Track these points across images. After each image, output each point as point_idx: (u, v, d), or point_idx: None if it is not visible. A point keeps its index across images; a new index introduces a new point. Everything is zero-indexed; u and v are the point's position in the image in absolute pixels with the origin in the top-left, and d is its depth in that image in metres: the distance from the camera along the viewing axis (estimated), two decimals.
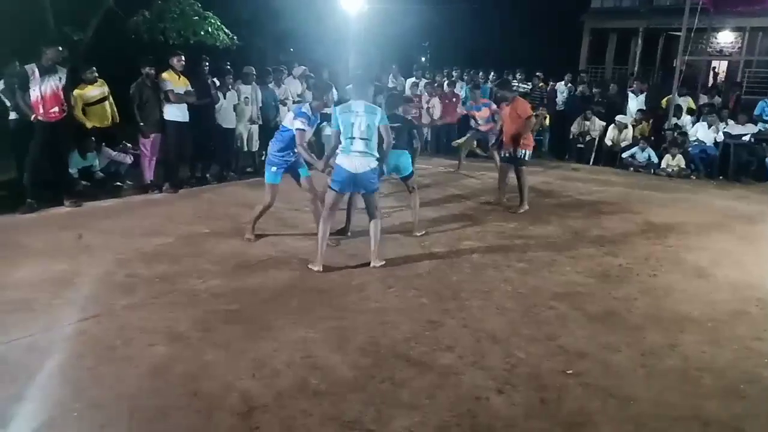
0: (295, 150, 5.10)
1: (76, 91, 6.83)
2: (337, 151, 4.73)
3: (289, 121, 5.07)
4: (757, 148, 9.66)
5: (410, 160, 5.72)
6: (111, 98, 7.46)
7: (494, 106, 9.03)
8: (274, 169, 5.24)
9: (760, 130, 9.74)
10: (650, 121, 10.72)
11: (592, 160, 10.90)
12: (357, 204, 5.52)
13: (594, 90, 11.97)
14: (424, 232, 5.73)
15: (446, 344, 3.41)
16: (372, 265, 4.73)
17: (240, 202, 6.99)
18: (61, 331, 3.40)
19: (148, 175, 7.33)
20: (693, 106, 10.86)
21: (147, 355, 3.16)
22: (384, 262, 4.76)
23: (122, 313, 3.71)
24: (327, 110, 5.39)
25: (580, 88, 11.76)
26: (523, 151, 6.74)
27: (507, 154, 6.90)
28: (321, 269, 4.59)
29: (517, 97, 7.05)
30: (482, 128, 9.30)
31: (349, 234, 5.59)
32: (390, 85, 11.54)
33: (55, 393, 2.76)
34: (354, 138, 4.55)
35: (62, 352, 3.15)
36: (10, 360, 3.06)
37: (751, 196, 8.40)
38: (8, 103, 6.25)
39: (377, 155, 4.67)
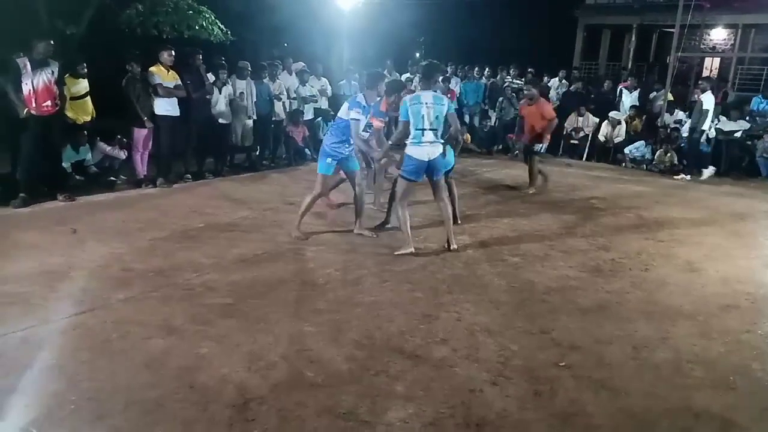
0: (351, 142, 5.14)
1: (67, 84, 6.76)
2: (406, 141, 4.81)
3: (345, 111, 5.10)
4: (749, 145, 9.74)
5: (453, 154, 5.75)
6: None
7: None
8: (329, 160, 5.21)
9: (751, 126, 9.82)
10: (643, 118, 10.77)
11: (585, 155, 10.96)
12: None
13: (589, 87, 12.02)
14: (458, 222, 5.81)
15: (441, 337, 3.44)
16: (452, 247, 5.02)
17: (235, 196, 7.00)
18: (57, 325, 3.40)
19: (141, 170, 7.32)
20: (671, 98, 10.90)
21: (143, 348, 3.17)
22: (456, 246, 5.02)
23: (118, 306, 3.71)
24: (318, 104, 5.38)
25: (574, 85, 11.79)
26: (540, 146, 7.54)
27: (524, 144, 7.83)
28: (413, 250, 4.88)
29: (541, 99, 7.68)
30: None
31: (389, 226, 5.68)
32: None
33: (50, 386, 2.77)
34: (424, 129, 4.70)
35: (58, 346, 3.15)
36: (5, 353, 3.06)
37: (741, 191, 8.48)
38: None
39: (443, 141, 4.87)
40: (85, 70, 7.11)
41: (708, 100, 9.05)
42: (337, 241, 5.30)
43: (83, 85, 7.06)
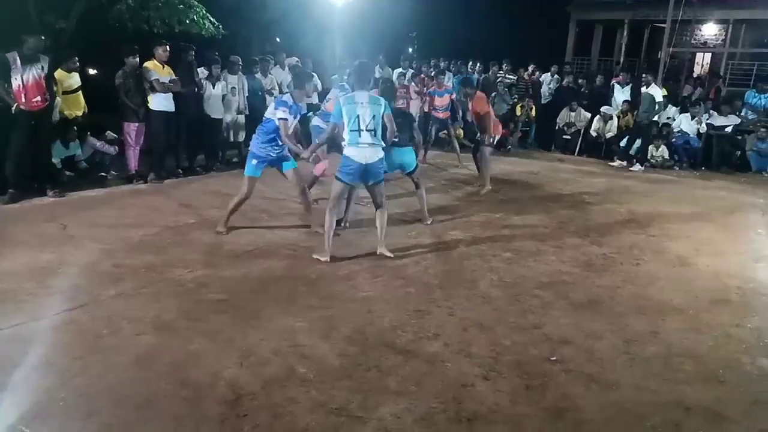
0: (280, 142, 5.09)
1: (59, 78, 6.70)
2: (343, 143, 4.66)
3: (271, 111, 5.07)
4: (739, 140, 9.81)
5: (414, 155, 5.74)
6: None
7: (454, 95, 9.31)
8: (255, 161, 5.17)
9: (742, 121, 9.88)
10: (635, 113, 10.80)
11: (577, 150, 10.99)
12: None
13: (580, 81, 12.05)
14: (430, 221, 5.79)
15: (433, 332, 3.45)
16: (379, 252, 4.77)
17: (226, 192, 6.95)
18: (47, 321, 3.38)
19: (133, 165, 7.27)
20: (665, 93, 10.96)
21: (134, 344, 3.16)
22: (391, 255, 4.77)
23: (109, 302, 3.69)
24: (308, 100, 5.40)
25: (566, 80, 11.81)
26: (485, 136, 7.18)
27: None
28: (329, 259, 4.58)
29: (478, 94, 7.34)
30: (440, 116, 9.47)
31: (347, 225, 5.59)
32: (377, 75, 11.50)
33: (41, 382, 2.74)
34: (360, 130, 4.49)
35: (48, 342, 3.13)
36: None
37: (732, 186, 8.54)
38: None
39: (383, 144, 4.66)
40: (77, 64, 7.05)
41: (656, 92, 9.29)
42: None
43: (75, 80, 6.99)
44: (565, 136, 11.19)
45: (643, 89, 9.38)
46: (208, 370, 2.92)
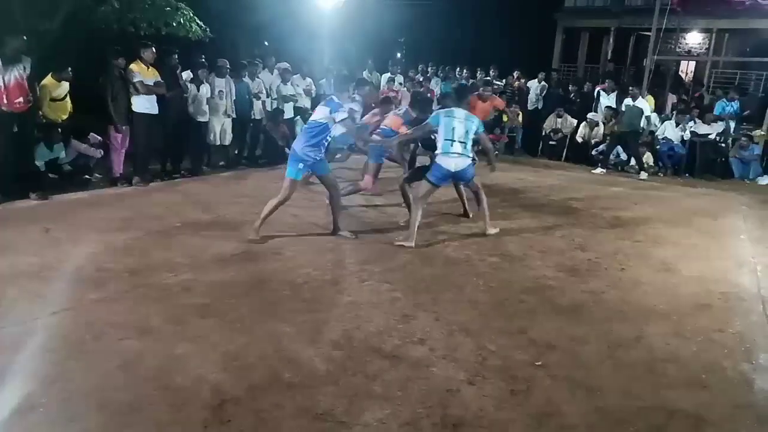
0: (323, 147, 5.12)
1: (48, 85, 6.61)
2: (437, 151, 5.23)
3: (323, 114, 4.99)
4: (722, 147, 9.94)
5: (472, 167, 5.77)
6: None
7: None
8: (300, 165, 5.04)
9: (724, 129, 10.02)
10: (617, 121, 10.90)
11: (563, 156, 11.07)
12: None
13: (571, 88, 12.15)
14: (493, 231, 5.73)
15: (418, 337, 3.44)
16: (488, 232, 5.60)
17: (212, 196, 6.94)
18: (29, 326, 3.33)
19: (118, 169, 7.21)
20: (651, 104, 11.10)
21: (117, 349, 3.12)
22: (497, 230, 5.66)
23: (92, 307, 3.65)
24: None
25: (553, 87, 11.90)
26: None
27: None
28: (413, 246, 5.12)
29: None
30: None
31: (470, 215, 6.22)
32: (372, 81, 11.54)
33: (21, 388, 2.70)
34: (453, 141, 5.15)
35: (30, 347, 3.08)
36: None
37: (715, 192, 8.65)
38: None
39: (471, 154, 5.30)
40: (70, 74, 6.86)
41: (645, 106, 9.75)
42: (315, 241, 5.27)
43: (64, 88, 6.85)
44: (551, 142, 11.26)
45: (629, 102, 9.49)
46: (192, 374, 2.90)
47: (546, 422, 2.66)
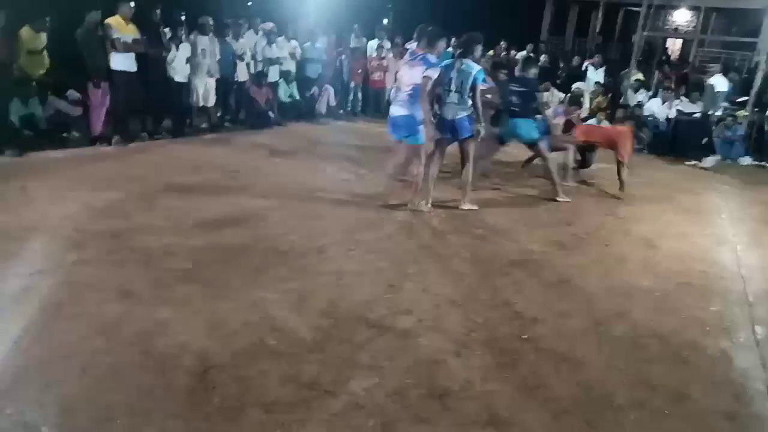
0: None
1: (24, 36, 6.32)
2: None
3: (418, 74, 4.88)
4: (706, 125, 9.98)
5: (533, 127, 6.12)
6: None
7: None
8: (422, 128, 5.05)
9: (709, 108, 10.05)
10: (608, 95, 10.89)
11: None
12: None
13: (561, 63, 12.07)
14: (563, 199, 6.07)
15: (405, 308, 3.43)
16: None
17: (194, 158, 6.79)
18: (4, 287, 3.23)
19: (97, 127, 6.99)
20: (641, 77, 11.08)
21: (97, 312, 3.05)
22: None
23: (70, 269, 3.56)
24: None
25: (541, 59, 11.80)
26: None
27: None
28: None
29: None
30: None
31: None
32: (352, 45, 11.30)
33: None
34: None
35: (5, 309, 3.00)
36: None
37: (698, 171, 8.72)
38: None
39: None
40: (47, 24, 6.56)
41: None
42: (299, 207, 5.20)
43: (42, 39, 6.56)
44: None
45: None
46: (175, 340, 2.84)
47: (532, 395, 2.67)
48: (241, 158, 6.98)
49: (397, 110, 5.11)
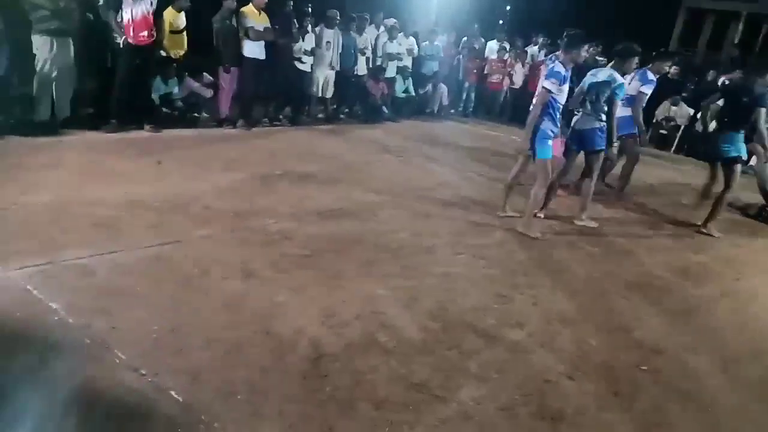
0: (557, 120, 4.64)
1: (167, 17, 6.81)
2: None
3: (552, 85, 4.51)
4: None
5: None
6: None
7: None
8: (550, 142, 4.65)
9: None
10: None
11: (674, 147, 10.35)
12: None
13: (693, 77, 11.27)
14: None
15: (516, 320, 3.33)
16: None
17: (312, 147, 7.01)
18: (141, 253, 3.49)
19: (224, 110, 7.40)
20: None
21: (222, 287, 3.21)
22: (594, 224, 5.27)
23: (198, 243, 3.78)
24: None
25: (671, 70, 11.04)
26: None
27: None
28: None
29: None
30: None
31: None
32: (475, 47, 11.19)
33: (134, 312, 2.82)
34: None
35: (142, 274, 3.23)
36: (95, 272, 3.16)
37: None
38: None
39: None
40: (189, 3, 7.03)
41: None
42: (409, 205, 5.21)
43: (182, 19, 7.07)
44: (662, 131, 10.54)
45: None
46: (292, 324, 2.93)
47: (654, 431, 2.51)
48: (355, 151, 7.12)
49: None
